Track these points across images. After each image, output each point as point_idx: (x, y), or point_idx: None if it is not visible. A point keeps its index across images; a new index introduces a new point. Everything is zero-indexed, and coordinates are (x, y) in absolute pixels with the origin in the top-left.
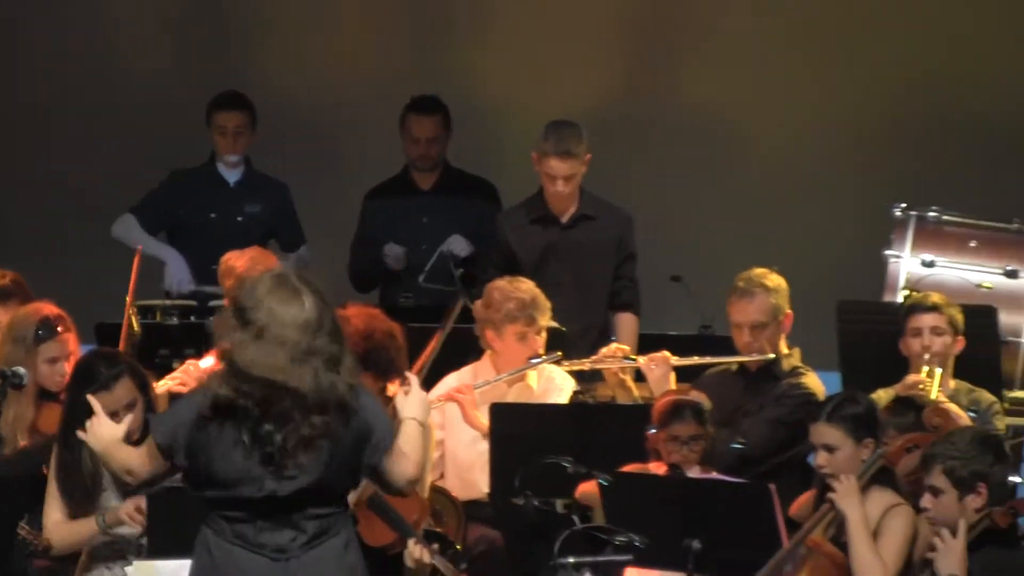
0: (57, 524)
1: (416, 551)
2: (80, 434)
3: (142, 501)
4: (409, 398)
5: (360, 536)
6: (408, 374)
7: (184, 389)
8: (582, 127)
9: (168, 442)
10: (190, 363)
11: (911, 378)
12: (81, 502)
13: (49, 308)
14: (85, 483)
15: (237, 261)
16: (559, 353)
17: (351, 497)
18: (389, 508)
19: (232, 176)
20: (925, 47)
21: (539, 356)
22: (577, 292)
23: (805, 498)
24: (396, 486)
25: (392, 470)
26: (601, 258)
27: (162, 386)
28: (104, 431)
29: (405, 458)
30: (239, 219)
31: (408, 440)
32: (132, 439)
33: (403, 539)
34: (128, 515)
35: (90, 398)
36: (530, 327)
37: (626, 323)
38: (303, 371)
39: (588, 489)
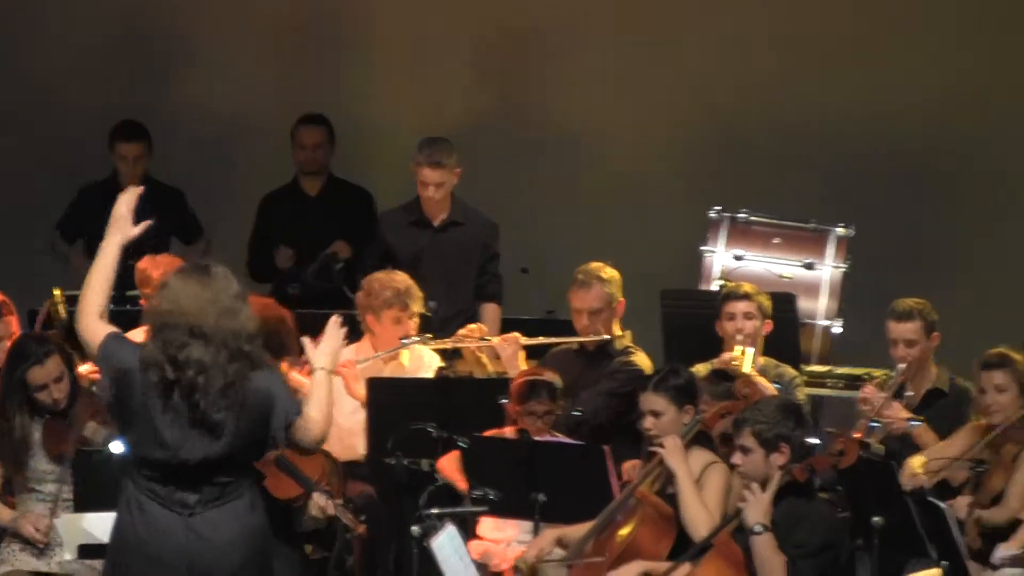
0: None
1: (321, 503)
2: None
3: (42, 522)
4: (320, 347)
5: (268, 490)
6: (332, 319)
7: (97, 377)
8: (452, 143)
9: (102, 366)
10: None
11: (726, 355)
12: (14, 464)
13: None
14: (16, 448)
15: (154, 271)
16: (428, 335)
17: None
18: (294, 467)
19: None
20: (738, 70)
21: (410, 337)
22: (446, 287)
23: (631, 464)
24: (309, 448)
25: (302, 437)
26: (468, 259)
27: (84, 369)
28: None
29: (313, 422)
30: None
31: (317, 390)
32: (60, 407)
33: (308, 493)
34: (31, 535)
35: None
36: (404, 312)
37: (490, 312)
38: (218, 323)
39: (448, 465)
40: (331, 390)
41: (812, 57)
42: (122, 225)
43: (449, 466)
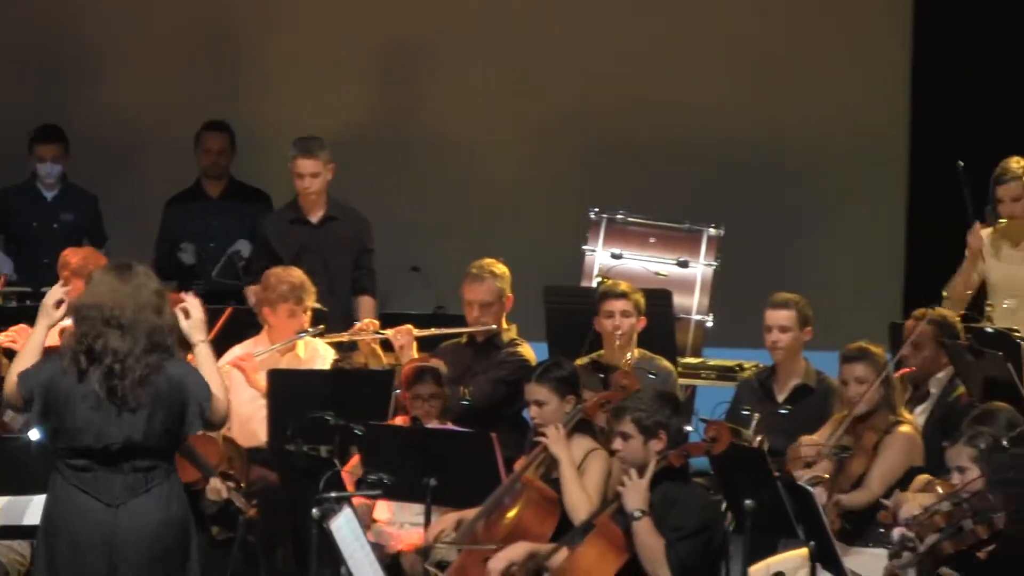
0: None
1: (217, 486)
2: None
3: None
4: (191, 322)
5: None
6: (185, 296)
7: (15, 346)
8: (323, 141)
9: (27, 396)
10: (22, 327)
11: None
12: None
13: None
14: None
15: (72, 257)
16: (322, 327)
17: None
18: (195, 452)
19: (49, 193)
20: (612, 80)
21: (306, 331)
22: (326, 279)
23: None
24: (216, 426)
25: (212, 420)
26: (344, 252)
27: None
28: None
29: (218, 401)
30: (55, 226)
31: (205, 366)
32: None
33: (206, 478)
34: None
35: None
36: (298, 305)
37: (365, 304)
38: (136, 316)
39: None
40: (214, 360)
41: (681, 68)
42: (49, 312)
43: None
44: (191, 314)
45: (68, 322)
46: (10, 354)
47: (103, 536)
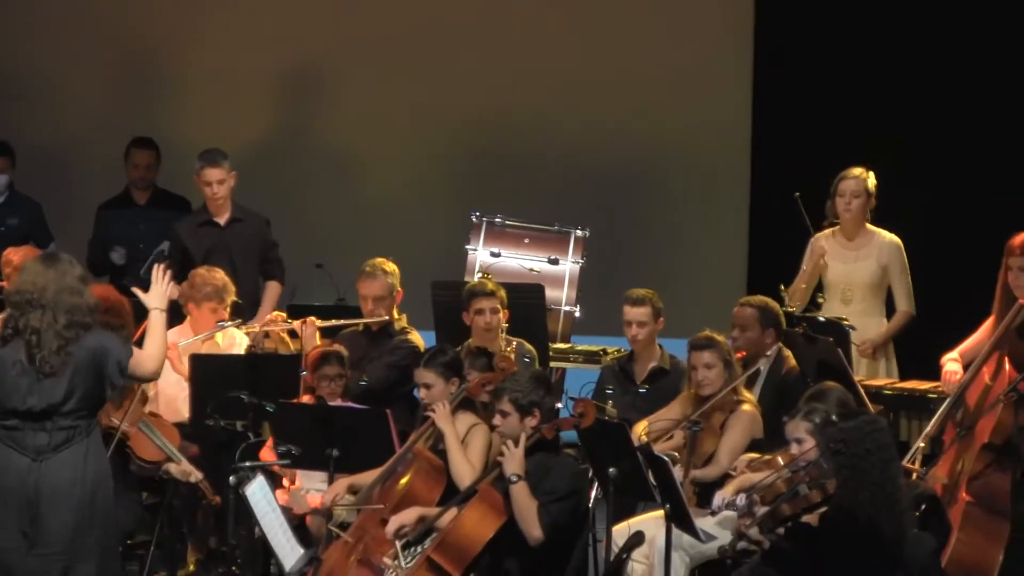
0: None
1: (186, 469)
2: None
3: None
4: (152, 291)
5: (133, 450)
6: (155, 270)
7: None
8: (225, 152)
9: None
10: None
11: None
12: None
13: None
14: None
15: (14, 255)
16: (239, 320)
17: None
18: (156, 433)
19: None
20: (492, 101)
21: (226, 321)
22: (233, 275)
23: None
24: (145, 378)
25: (138, 371)
26: (249, 249)
27: None
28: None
29: (148, 357)
30: (2, 229)
31: (153, 329)
32: None
33: (168, 458)
34: None
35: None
36: (220, 304)
37: (271, 289)
38: (56, 296)
39: (266, 456)
40: (164, 327)
41: (549, 89)
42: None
43: (266, 456)
44: (156, 284)
45: None
46: None
47: (26, 487)
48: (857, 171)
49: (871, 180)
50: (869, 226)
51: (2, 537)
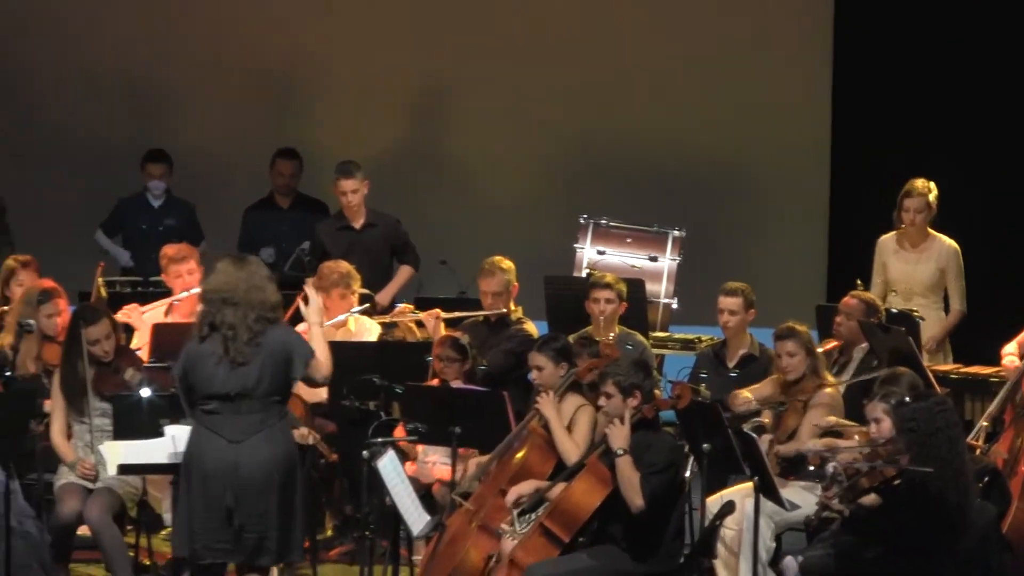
0: (54, 434)
1: (304, 433)
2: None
3: (88, 465)
4: (310, 308)
5: None
6: (305, 286)
7: (129, 320)
8: (359, 163)
9: (178, 373)
10: (134, 305)
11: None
12: (75, 398)
13: (47, 282)
14: (78, 386)
15: (169, 250)
16: (368, 305)
17: None
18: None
19: (156, 202)
20: (600, 113)
21: (355, 308)
22: (368, 274)
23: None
24: (320, 383)
25: (314, 376)
26: (383, 250)
27: (118, 316)
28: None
29: (320, 364)
30: (161, 229)
31: (317, 342)
32: (108, 359)
33: (293, 427)
34: (83, 474)
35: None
36: (347, 289)
37: (403, 270)
38: (247, 294)
39: (399, 433)
40: (324, 339)
41: (652, 102)
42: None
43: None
44: (310, 302)
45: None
46: (129, 329)
47: (226, 468)
48: (920, 186)
49: (933, 194)
50: (930, 230)
51: (205, 517)
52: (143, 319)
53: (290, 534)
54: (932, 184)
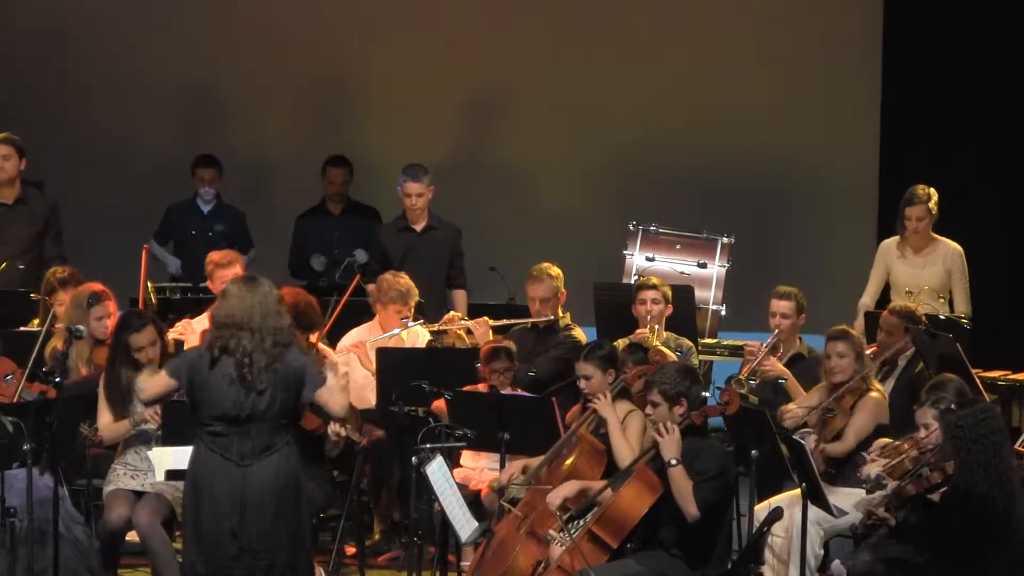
0: (106, 424)
1: (335, 428)
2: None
3: (158, 407)
4: (336, 371)
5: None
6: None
7: (183, 337)
8: (427, 167)
9: (176, 375)
10: (186, 321)
11: (639, 331)
12: (119, 405)
13: (97, 285)
14: (122, 393)
15: (215, 256)
16: (421, 319)
17: None
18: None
19: (206, 208)
20: (649, 123)
21: (408, 322)
22: (428, 276)
23: (574, 409)
24: (336, 416)
25: (329, 405)
26: (442, 255)
27: (171, 334)
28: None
29: (339, 394)
30: (210, 234)
31: (336, 391)
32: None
33: (325, 423)
34: (149, 416)
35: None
36: (404, 307)
37: (459, 297)
38: (263, 320)
39: (439, 405)
40: (340, 390)
41: (699, 111)
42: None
43: (439, 406)
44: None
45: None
46: (180, 345)
47: (234, 491)
48: (920, 193)
49: (933, 200)
50: (933, 234)
51: (214, 542)
52: (193, 327)
53: (298, 557)
54: (932, 190)
